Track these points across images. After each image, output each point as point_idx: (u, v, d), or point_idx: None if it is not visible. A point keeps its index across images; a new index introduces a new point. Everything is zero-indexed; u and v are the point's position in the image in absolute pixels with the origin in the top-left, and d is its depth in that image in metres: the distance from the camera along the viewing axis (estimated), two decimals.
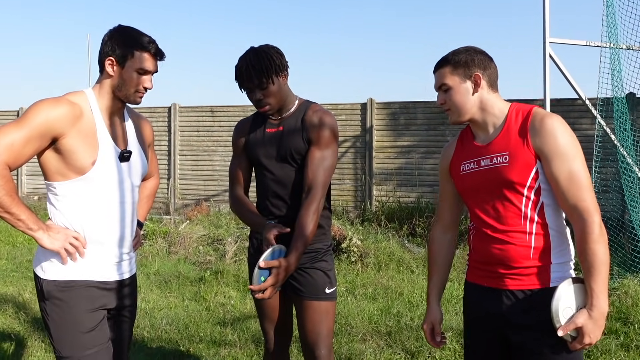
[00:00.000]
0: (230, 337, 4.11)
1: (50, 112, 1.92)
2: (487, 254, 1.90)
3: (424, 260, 6.60)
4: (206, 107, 10.76)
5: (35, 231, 1.95)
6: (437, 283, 2.16)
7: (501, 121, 1.89)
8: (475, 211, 1.95)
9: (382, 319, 4.52)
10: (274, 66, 2.22)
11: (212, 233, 7.58)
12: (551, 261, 1.81)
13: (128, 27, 2.10)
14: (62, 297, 2.01)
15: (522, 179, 1.80)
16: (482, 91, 1.89)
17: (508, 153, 1.82)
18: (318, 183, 2.22)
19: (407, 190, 9.28)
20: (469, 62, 1.88)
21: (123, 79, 2.05)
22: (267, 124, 2.37)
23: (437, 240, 2.17)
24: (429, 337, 2.16)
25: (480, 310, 1.97)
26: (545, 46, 5.77)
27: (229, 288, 5.52)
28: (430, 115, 9.28)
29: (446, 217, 2.16)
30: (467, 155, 1.96)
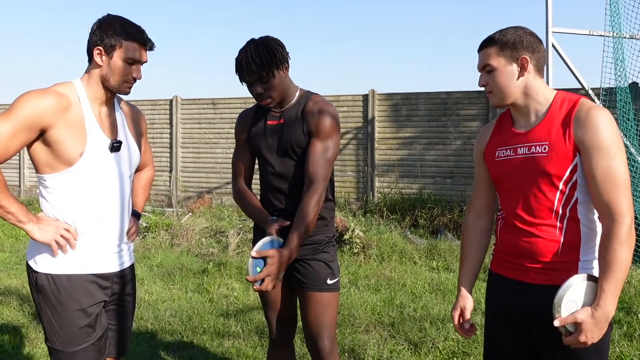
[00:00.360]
0: (234, 329, 4.12)
1: (37, 104, 1.91)
2: (514, 245, 1.85)
3: (426, 251, 6.60)
4: (208, 100, 10.74)
5: (25, 223, 1.95)
6: (469, 269, 2.08)
7: (545, 109, 1.80)
8: (506, 200, 1.89)
9: (385, 310, 4.53)
10: (274, 59, 2.19)
11: (214, 225, 7.59)
12: (579, 258, 1.76)
13: (117, 16, 2.07)
14: (54, 292, 2.01)
15: (560, 171, 1.73)
16: (528, 75, 1.80)
17: (548, 143, 1.75)
18: (319, 175, 2.20)
19: (409, 181, 9.27)
20: (517, 44, 1.78)
21: (111, 69, 2.03)
22: (268, 116, 2.36)
23: (471, 226, 2.10)
24: (457, 325, 2.08)
25: (503, 302, 1.93)
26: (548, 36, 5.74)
27: (231, 280, 5.53)
28: (432, 106, 9.25)
29: (480, 203, 2.09)
30: (504, 141, 1.89)
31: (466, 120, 9.05)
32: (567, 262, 1.76)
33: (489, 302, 2.03)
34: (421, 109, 9.33)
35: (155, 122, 10.95)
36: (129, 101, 2.37)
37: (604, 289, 1.64)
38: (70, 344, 2.02)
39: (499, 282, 1.96)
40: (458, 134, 9.08)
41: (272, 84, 2.22)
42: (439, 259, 6.40)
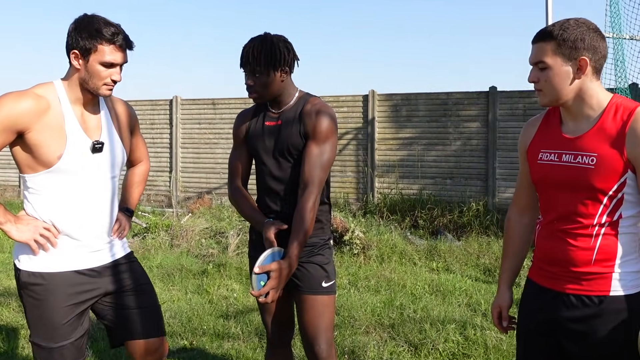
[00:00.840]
0: (234, 330, 4.11)
1: (13, 107, 1.90)
2: (549, 252, 1.79)
3: (426, 252, 6.60)
4: (208, 100, 10.74)
5: (3, 224, 1.97)
6: (510, 267, 2.02)
7: (597, 115, 1.66)
8: (545, 206, 1.82)
9: (385, 312, 4.52)
10: (273, 59, 2.19)
11: (214, 226, 7.58)
12: (614, 269, 1.68)
13: (93, 16, 2.01)
14: (35, 289, 2.04)
15: (606, 186, 1.62)
16: (585, 78, 1.65)
17: (597, 155, 1.63)
18: (314, 180, 2.19)
19: (409, 182, 9.27)
20: (578, 42, 1.62)
21: (89, 73, 1.99)
22: (266, 116, 2.35)
23: (513, 222, 2.02)
24: (496, 321, 2.05)
25: (535, 310, 1.87)
26: None
27: (231, 281, 5.52)
28: (432, 107, 9.25)
29: (523, 199, 1.99)
30: (550, 143, 1.77)
31: (466, 120, 9.04)
32: (600, 273, 1.69)
33: (522, 309, 1.96)
34: (421, 110, 9.32)
35: (155, 123, 10.94)
36: (128, 101, 2.36)
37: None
38: (49, 340, 2.05)
39: (532, 290, 1.90)
40: (458, 135, 9.08)
41: (263, 81, 2.21)
42: (439, 259, 6.39)
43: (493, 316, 2.06)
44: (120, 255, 2.24)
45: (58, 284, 2.05)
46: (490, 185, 8.76)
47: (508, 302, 2.02)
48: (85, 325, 2.15)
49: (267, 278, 2.07)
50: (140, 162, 2.52)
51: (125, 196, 2.45)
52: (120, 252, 2.25)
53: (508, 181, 8.69)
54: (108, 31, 1.97)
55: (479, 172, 8.93)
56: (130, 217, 2.39)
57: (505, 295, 2.03)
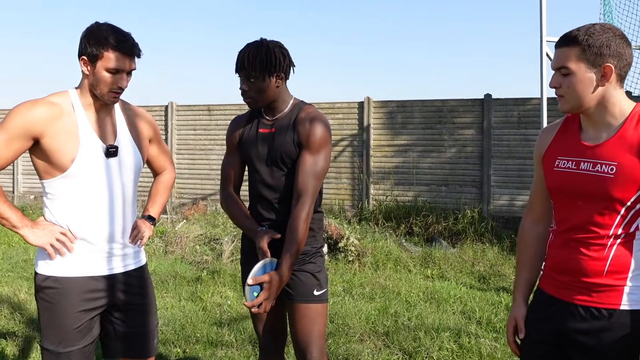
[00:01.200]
0: (227, 338, 4.09)
1: (27, 115, 1.99)
2: (561, 261, 1.75)
3: (421, 259, 6.60)
4: (203, 106, 10.73)
5: (19, 229, 2.05)
6: (524, 278, 1.94)
7: (619, 123, 1.62)
8: (559, 214, 1.77)
9: (379, 319, 4.51)
10: (269, 65, 2.19)
11: (209, 232, 7.56)
12: (626, 283, 1.63)
13: (103, 24, 2.06)
14: (49, 292, 2.09)
15: (625, 196, 1.58)
16: (609, 86, 1.60)
17: (616, 164, 1.58)
18: (308, 190, 2.19)
19: (405, 189, 9.27)
20: (603, 49, 1.57)
21: (96, 79, 2.04)
22: (260, 124, 2.34)
23: (527, 232, 1.95)
24: (512, 337, 1.93)
25: (543, 320, 1.82)
26: (542, 45, 5.76)
27: (225, 288, 5.50)
28: (427, 114, 9.27)
29: (538, 208, 1.92)
30: (567, 150, 1.72)
31: (461, 128, 9.06)
32: (612, 285, 1.65)
33: (529, 318, 1.90)
34: (416, 117, 9.34)
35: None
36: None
37: None
38: (58, 345, 2.08)
39: (541, 299, 1.86)
40: (453, 142, 9.09)
41: (258, 86, 2.21)
42: (434, 267, 6.39)
43: (508, 330, 1.95)
44: (132, 266, 2.26)
45: (71, 289, 2.09)
46: (485, 193, 8.76)
47: (524, 314, 1.92)
48: (94, 332, 2.18)
49: (260, 289, 2.07)
50: (164, 170, 2.55)
51: (149, 204, 2.49)
52: (133, 262, 2.26)
53: (503, 188, 8.71)
54: (114, 38, 2.01)
55: (474, 179, 8.94)
56: (151, 225, 2.41)
57: (521, 308, 1.93)
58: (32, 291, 5.26)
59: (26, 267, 6.36)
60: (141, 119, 2.33)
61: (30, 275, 5.91)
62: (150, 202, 2.49)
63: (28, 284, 5.55)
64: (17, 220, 2.04)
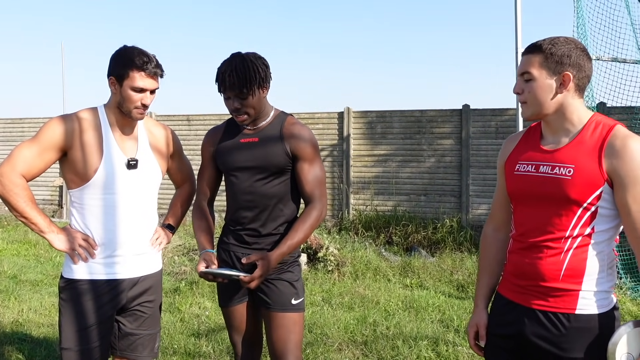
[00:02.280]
0: (205, 349, 4.05)
1: (57, 128, 2.20)
2: (519, 266, 1.79)
3: (400, 268, 6.62)
4: (182, 116, 10.68)
5: (46, 233, 2.23)
6: (485, 284, 2.00)
7: (577, 130, 1.70)
8: (518, 218, 1.82)
9: (358, 328, 4.50)
10: (257, 78, 2.20)
11: (187, 243, 7.50)
12: (582, 287, 1.68)
13: (130, 47, 2.26)
14: (68, 294, 2.26)
15: (582, 197, 1.64)
16: (567, 94, 1.69)
17: (574, 167, 1.65)
18: (316, 195, 2.31)
19: (384, 198, 9.31)
20: (564, 58, 1.67)
21: (122, 97, 2.23)
22: (241, 134, 2.35)
23: (489, 239, 2.01)
24: (472, 341, 1.99)
25: (502, 324, 1.86)
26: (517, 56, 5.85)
27: (204, 299, 5.45)
28: (406, 124, 9.35)
29: (499, 215, 1.99)
30: (528, 155, 1.80)
31: (440, 138, 9.15)
32: (567, 290, 1.69)
33: (490, 323, 1.94)
34: (395, 127, 9.41)
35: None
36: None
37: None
38: (71, 343, 2.24)
39: (500, 303, 1.89)
40: (432, 152, 9.18)
41: (250, 102, 2.22)
42: (413, 276, 6.41)
43: (469, 336, 2.01)
44: (148, 272, 2.40)
45: (91, 291, 2.25)
46: (464, 202, 8.85)
47: (485, 321, 1.96)
48: (110, 332, 2.33)
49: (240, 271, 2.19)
50: (185, 183, 2.69)
51: (169, 214, 2.64)
52: (149, 268, 2.41)
53: (481, 197, 8.80)
54: (139, 60, 2.20)
55: (453, 188, 9.02)
56: (170, 233, 2.57)
57: (482, 314, 1.98)
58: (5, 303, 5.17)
59: (0, 279, 6.23)
60: (163, 135, 2.50)
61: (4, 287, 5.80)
62: (171, 213, 2.65)
63: (2, 296, 5.45)
64: (45, 226, 2.22)
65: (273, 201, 2.29)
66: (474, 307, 2.04)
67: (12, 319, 4.75)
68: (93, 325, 2.25)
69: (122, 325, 2.39)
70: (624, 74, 6.26)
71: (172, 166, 2.58)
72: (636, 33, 6.28)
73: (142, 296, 2.38)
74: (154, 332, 2.47)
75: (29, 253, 7.81)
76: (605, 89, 6.25)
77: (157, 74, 2.26)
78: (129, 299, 2.34)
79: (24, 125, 11.90)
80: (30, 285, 6.07)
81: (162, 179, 2.49)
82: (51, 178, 11.33)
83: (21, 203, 2.18)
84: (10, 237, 8.72)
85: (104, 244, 2.27)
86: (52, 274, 6.56)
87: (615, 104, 6.43)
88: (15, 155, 2.19)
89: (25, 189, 2.19)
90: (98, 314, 2.26)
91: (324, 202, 2.32)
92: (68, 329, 2.25)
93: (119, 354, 2.43)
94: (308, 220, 2.27)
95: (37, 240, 8.23)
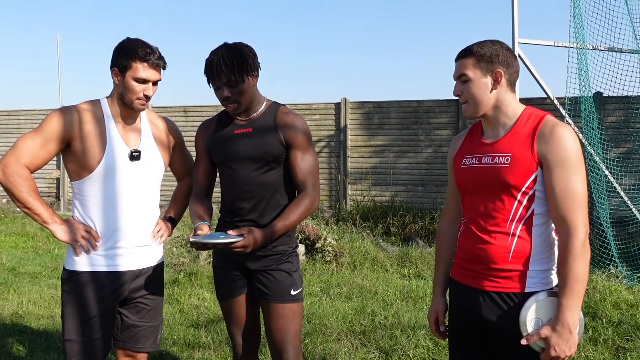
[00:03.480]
0: (204, 340, 4.08)
1: (60, 120, 2.21)
2: (469, 251, 1.92)
3: (397, 259, 6.65)
4: (179, 107, 10.66)
5: (49, 224, 2.24)
6: (442, 273, 2.16)
7: (512, 122, 1.86)
8: (467, 207, 1.96)
9: (356, 318, 4.54)
10: (245, 65, 2.20)
11: (185, 234, 7.50)
12: (529, 267, 1.81)
13: (133, 39, 2.27)
14: (71, 285, 2.27)
15: (519, 182, 1.79)
16: (501, 89, 1.86)
17: (511, 155, 1.81)
18: (308, 183, 2.30)
19: (382, 189, 9.34)
20: (493, 58, 1.84)
21: (125, 88, 2.24)
22: (233, 125, 2.36)
23: (444, 232, 2.18)
24: (434, 327, 2.17)
25: (460, 308, 1.99)
26: (514, 46, 5.86)
27: (202, 290, 5.48)
28: (403, 115, 9.35)
29: (453, 209, 2.15)
30: (471, 150, 1.96)
31: (437, 128, 9.16)
32: (516, 271, 1.82)
33: (450, 309, 2.09)
34: (392, 118, 9.42)
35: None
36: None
37: (562, 303, 1.72)
38: (74, 335, 2.25)
39: (455, 289, 2.03)
40: (429, 142, 9.19)
41: (240, 89, 2.22)
42: (410, 266, 6.44)
43: (430, 322, 2.18)
44: (150, 264, 2.41)
45: (93, 283, 2.26)
46: None
47: (444, 308, 2.14)
48: (112, 323, 2.35)
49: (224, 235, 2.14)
50: (187, 176, 2.68)
51: (170, 207, 2.66)
52: (151, 260, 2.42)
53: None
54: (142, 51, 2.22)
55: None
56: (172, 225, 2.57)
57: (440, 301, 2.15)
58: (5, 295, 5.19)
59: None
60: (164, 127, 2.51)
61: (3, 280, 5.82)
62: (172, 206, 2.66)
63: (1, 288, 5.46)
64: (47, 216, 2.23)
65: (270, 191, 2.30)
66: (432, 295, 2.20)
67: (11, 311, 4.77)
68: (95, 316, 2.26)
69: (125, 317, 2.41)
70: (621, 64, 6.28)
71: (174, 159, 2.59)
72: (633, 22, 6.28)
73: (144, 288, 2.40)
74: (156, 323, 2.49)
75: (27, 245, 7.83)
76: (602, 78, 6.26)
77: (160, 66, 2.28)
78: (131, 290, 2.36)
79: (20, 117, 11.87)
80: (29, 277, 6.09)
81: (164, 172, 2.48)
82: (49, 170, 11.32)
83: (24, 194, 2.19)
84: (8, 229, 8.73)
85: (106, 236, 2.28)
86: (51, 266, 6.58)
87: (611, 93, 6.45)
88: (19, 146, 2.20)
89: (28, 179, 2.20)
90: (100, 305, 2.27)
91: (317, 192, 2.32)
92: (71, 321, 2.26)
93: (121, 346, 2.45)
94: (300, 206, 2.27)
95: (35, 232, 8.24)
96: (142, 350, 2.47)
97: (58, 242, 7.22)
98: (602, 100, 7.84)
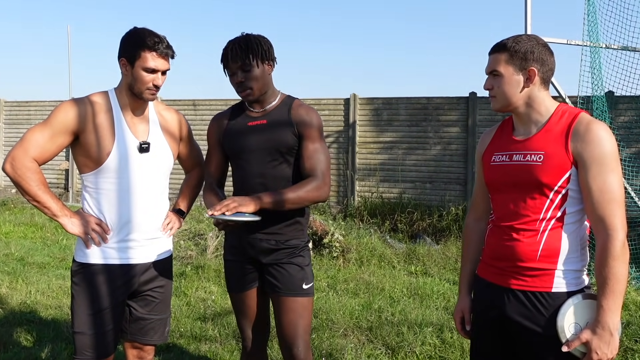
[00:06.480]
0: (211, 333, 4.09)
1: (68, 112, 2.19)
2: (497, 249, 1.89)
3: (405, 255, 6.63)
4: (188, 101, 10.67)
5: (59, 217, 2.23)
6: (469, 271, 2.12)
7: (545, 119, 1.82)
8: (496, 205, 1.93)
9: (363, 314, 4.53)
10: (260, 50, 2.23)
11: (193, 227, 7.53)
12: (556, 267, 1.78)
13: (141, 28, 2.25)
14: (80, 277, 2.27)
15: (552, 181, 1.75)
16: (534, 87, 1.82)
17: (544, 153, 1.76)
18: (317, 169, 2.27)
19: (390, 185, 9.31)
20: (528, 55, 1.79)
21: (134, 78, 2.22)
22: (247, 117, 2.36)
23: (470, 229, 2.14)
24: (459, 326, 2.13)
25: (485, 306, 1.96)
26: None
27: (210, 283, 5.49)
28: (412, 111, 9.32)
29: (480, 206, 2.11)
30: (502, 146, 1.92)
31: (446, 125, 9.12)
32: (544, 270, 1.78)
33: (474, 306, 2.06)
34: (402, 114, 9.39)
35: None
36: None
37: (602, 305, 1.68)
38: (83, 327, 2.24)
39: (481, 286, 2.00)
40: (438, 139, 9.15)
41: (254, 74, 2.24)
42: (418, 263, 6.43)
43: (456, 322, 2.15)
44: (160, 257, 2.41)
45: (103, 275, 2.25)
46: (470, 190, 8.83)
47: (469, 306, 2.10)
48: (121, 316, 2.35)
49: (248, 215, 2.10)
50: (195, 168, 2.68)
51: (179, 199, 2.65)
52: (161, 253, 2.41)
53: None
54: (151, 40, 2.19)
55: (458, 176, 9.00)
56: (181, 218, 2.57)
57: (466, 300, 2.11)
58: (13, 285, 5.22)
59: (7, 261, 6.29)
60: (173, 119, 2.49)
61: (12, 270, 5.86)
62: (181, 198, 2.65)
63: (9, 278, 5.50)
64: (57, 209, 2.21)
65: (283, 183, 2.30)
66: (458, 293, 2.17)
67: (20, 300, 4.80)
68: (106, 309, 2.26)
69: (133, 309, 2.41)
70: (634, 63, 6.20)
71: (182, 151, 2.58)
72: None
73: (153, 281, 2.39)
74: (165, 316, 2.50)
75: (35, 236, 7.87)
76: (615, 77, 6.20)
77: (169, 55, 2.26)
78: (140, 283, 2.35)
79: (30, 108, 11.92)
80: (37, 267, 6.12)
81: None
82: (57, 162, 11.37)
83: (34, 187, 2.17)
84: (17, 219, 8.78)
85: (117, 228, 2.27)
86: (59, 256, 6.61)
87: (624, 92, 6.38)
88: (27, 139, 2.18)
89: (37, 172, 2.18)
90: (111, 298, 2.26)
91: (326, 181, 2.28)
92: (81, 313, 2.25)
93: (129, 338, 2.45)
94: (305, 186, 2.23)
95: (44, 222, 8.28)
96: (150, 342, 2.47)
97: (66, 233, 7.29)
98: (614, 100, 7.77)
